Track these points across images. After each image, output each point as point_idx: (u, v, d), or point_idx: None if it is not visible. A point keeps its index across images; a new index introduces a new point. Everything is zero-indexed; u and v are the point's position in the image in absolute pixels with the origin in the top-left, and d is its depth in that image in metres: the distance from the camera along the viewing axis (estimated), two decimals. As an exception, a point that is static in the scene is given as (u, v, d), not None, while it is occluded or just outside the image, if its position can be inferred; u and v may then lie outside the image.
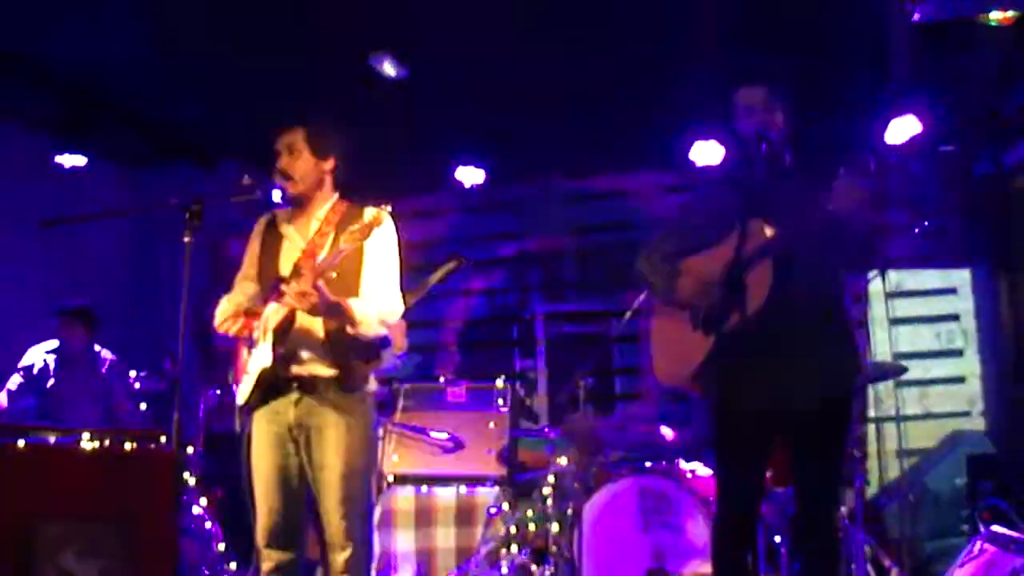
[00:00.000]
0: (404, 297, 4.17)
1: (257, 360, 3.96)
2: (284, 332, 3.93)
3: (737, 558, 3.70)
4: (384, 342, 4.15)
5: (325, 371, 3.95)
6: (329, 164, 4.12)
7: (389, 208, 3.87)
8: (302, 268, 3.89)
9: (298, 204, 4.12)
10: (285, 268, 4.04)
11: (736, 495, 3.72)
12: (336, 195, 4.18)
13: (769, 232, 3.56)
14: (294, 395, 3.95)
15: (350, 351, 3.97)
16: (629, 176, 8.02)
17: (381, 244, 4.04)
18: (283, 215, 4.19)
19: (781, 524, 5.16)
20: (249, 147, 4.43)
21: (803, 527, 3.73)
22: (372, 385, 4.10)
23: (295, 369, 3.95)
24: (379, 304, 3.99)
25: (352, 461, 3.94)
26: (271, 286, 4.01)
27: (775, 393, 3.55)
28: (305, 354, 3.95)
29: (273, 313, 3.94)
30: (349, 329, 3.92)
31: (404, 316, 4.33)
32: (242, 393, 4.04)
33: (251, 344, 4.04)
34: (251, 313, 4.10)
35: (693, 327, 3.73)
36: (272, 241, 4.14)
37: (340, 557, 3.92)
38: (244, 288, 4.20)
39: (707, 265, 3.70)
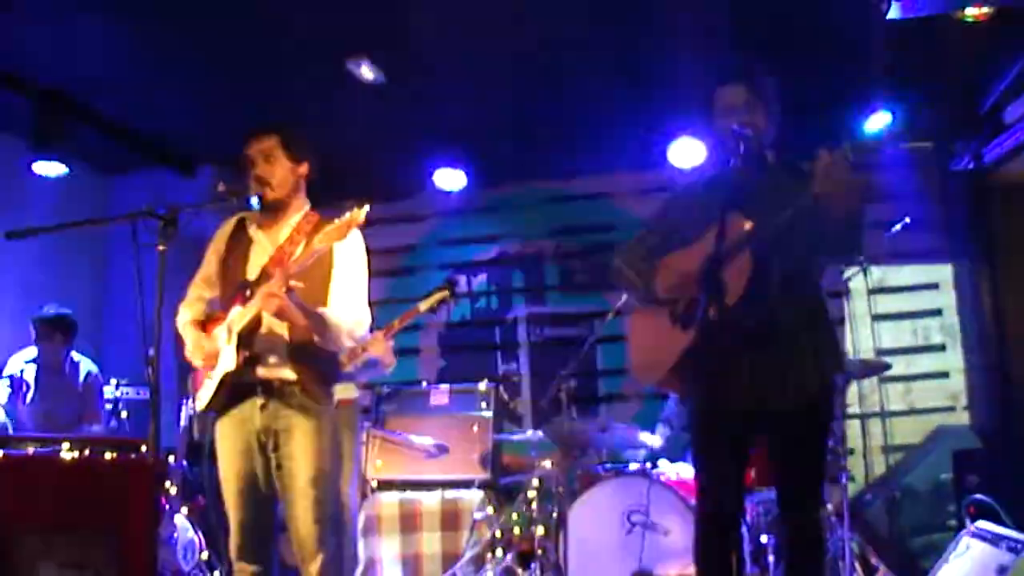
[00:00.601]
0: (395, 323, 4.17)
1: (221, 364, 3.91)
2: (249, 335, 3.89)
3: (721, 558, 3.65)
4: (371, 363, 4.15)
5: (291, 375, 3.90)
6: (304, 168, 4.11)
7: (366, 208, 3.79)
8: (271, 271, 3.86)
9: (272, 210, 4.07)
10: (252, 272, 4.01)
11: (716, 494, 3.67)
12: (308, 204, 4.16)
13: (747, 226, 3.52)
14: (259, 399, 3.90)
15: (313, 359, 3.93)
16: (609, 178, 8.01)
17: (350, 254, 4.02)
18: (253, 218, 4.14)
19: (768, 524, 5.15)
20: (227, 153, 4.39)
21: (786, 527, 3.72)
22: (345, 392, 4.07)
23: (260, 372, 3.90)
24: (347, 315, 3.94)
25: (321, 465, 3.88)
26: (236, 289, 3.98)
27: (752, 390, 3.52)
28: (271, 358, 3.90)
29: (238, 316, 3.90)
30: (316, 339, 3.88)
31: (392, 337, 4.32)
32: (203, 398, 3.98)
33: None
34: (211, 319, 4.08)
35: (671, 324, 3.69)
36: (240, 244, 4.10)
37: (312, 567, 3.86)
38: (202, 292, 4.17)
39: (685, 261, 3.67)
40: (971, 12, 5.54)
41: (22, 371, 6.47)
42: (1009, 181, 6.93)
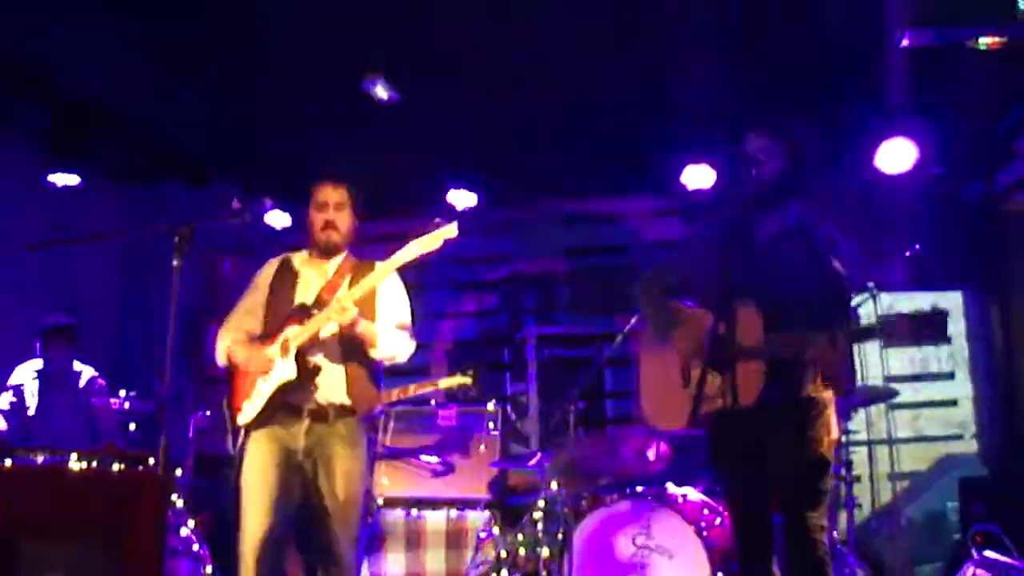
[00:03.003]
0: (410, 389, 4.57)
1: (275, 375, 4.10)
2: (307, 351, 4.10)
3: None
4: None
5: (342, 399, 4.13)
6: (358, 221, 4.45)
7: (455, 225, 4.21)
8: (326, 297, 4.17)
9: (324, 254, 4.37)
10: (303, 300, 4.26)
11: (751, 531, 3.83)
12: (346, 251, 4.43)
13: (757, 329, 3.60)
14: (305, 423, 4.10)
15: (363, 384, 4.20)
16: (622, 200, 8.03)
17: (393, 288, 4.36)
18: (298, 258, 4.43)
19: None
20: (242, 167, 4.46)
21: (788, 549, 3.77)
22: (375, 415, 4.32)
23: (313, 390, 4.11)
24: (395, 333, 4.26)
25: (355, 490, 4.13)
26: (292, 312, 4.20)
27: (760, 468, 3.70)
28: (325, 376, 4.12)
29: (297, 333, 4.10)
30: (371, 351, 4.15)
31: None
32: (249, 411, 4.15)
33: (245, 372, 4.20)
34: (253, 344, 4.26)
35: (683, 385, 3.80)
36: (286, 279, 4.35)
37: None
38: (244, 323, 4.34)
39: (703, 325, 3.72)
40: (985, 41, 5.56)
41: (28, 381, 6.48)
42: (1021, 210, 6.93)
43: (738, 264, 3.58)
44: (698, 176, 7.04)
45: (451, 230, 4.15)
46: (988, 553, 4.66)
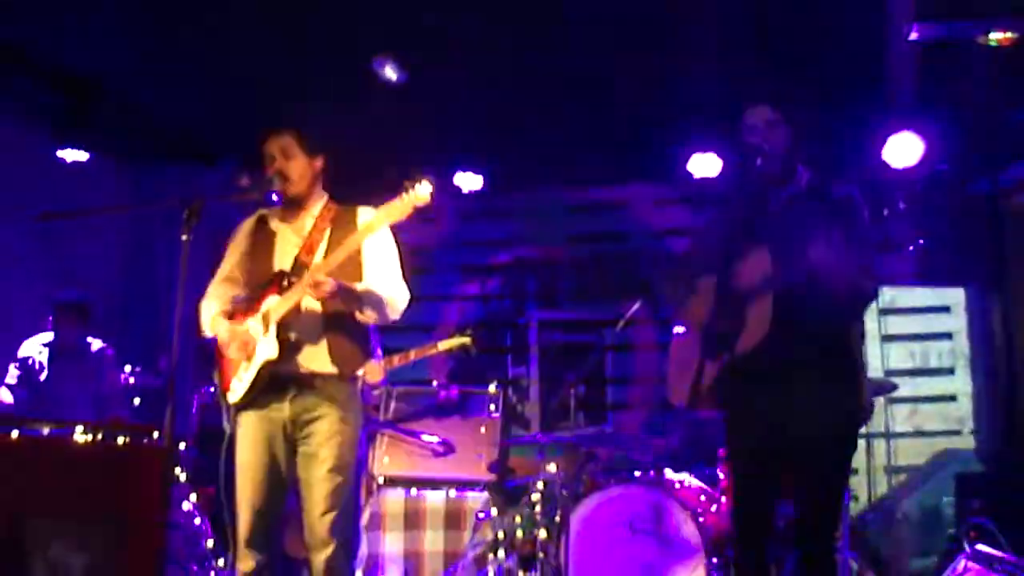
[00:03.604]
0: (410, 354, 4.24)
1: (259, 354, 3.97)
2: (287, 325, 3.96)
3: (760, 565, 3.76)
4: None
5: (328, 368, 3.99)
6: (319, 162, 4.18)
7: (428, 187, 3.95)
8: (305, 260, 4.00)
9: (293, 204, 4.16)
10: (281, 263, 4.09)
11: (749, 518, 3.79)
12: (326, 196, 4.24)
13: (767, 263, 3.60)
14: (290, 392, 3.99)
15: (349, 349, 4.03)
16: (627, 187, 8.04)
17: (379, 238, 4.11)
18: (273, 214, 4.24)
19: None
20: (249, 145, 4.46)
21: (796, 545, 3.78)
22: (366, 377, 4.14)
23: (297, 362, 3.98)
24: (387, 288, 4.05)
25: (342, 456, 3.97)
26: (270, 280, 4.04)
27: (774, 427, 3.62)
28: (308, 348, 3.99)
29: (276, 305, 3.96)
30: (358, 314, 3.99)
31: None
32: (238, 390, 4.05)
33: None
34: (236, 313, 4.14)
35: (700, 351, 3.75)
36: (263, 240, 4.17)
37: (321, 556, 3.93)
38: (224, 290, 4.22)
39: (711, 291, 3.76)
40: (995, 36, 5.57)
41: (37, 354, 6.52)
42: (1024, 207, 6.95)
43: (751, 229, 3.63)
44: (704, 164, 7.06)
45: (422, 196, 3.88)
46: (981, 547, 4.70)
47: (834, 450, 3.68)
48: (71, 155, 7.08)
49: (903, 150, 6.69)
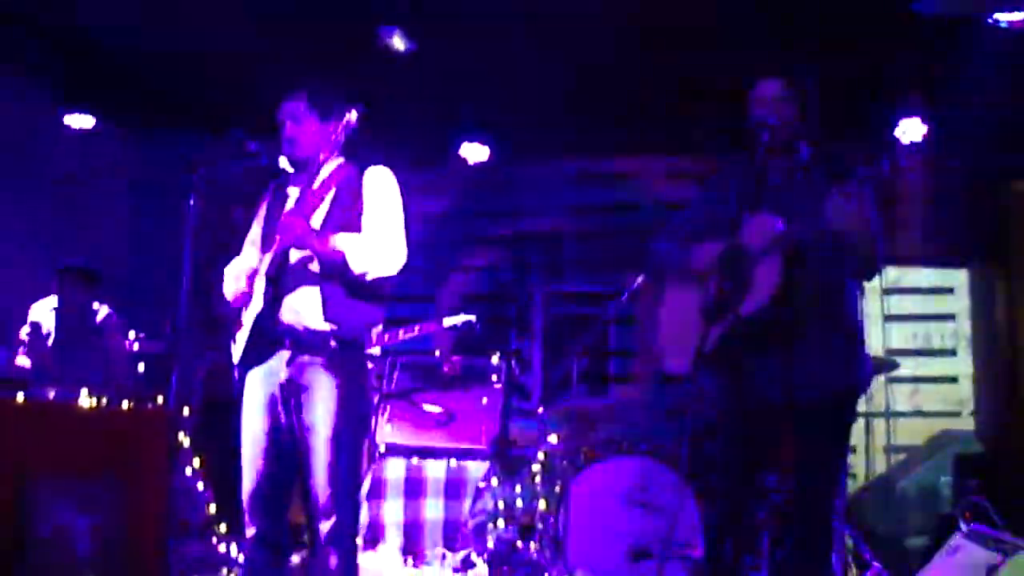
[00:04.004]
0: (415, 329, 4.18)
1: (251, 308, 3.89)
2: (277, 278, 3.86)
3: (731, 542, 3.73)
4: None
5: (316, 324, 3.84)
6: (336, 126, 4.03)
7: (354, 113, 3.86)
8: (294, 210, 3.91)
9: (304, 168, 4.05)
10: None
11: (733, 490, 3.77)
12: (342, 158, 4.12)
13: (773, 225, 3.60)
14: (286, 353, 3.86)
15: (345, 309, 3.88)
16: (633, 159, 8.03)
17: (382, 188, 4.00)
18: (291, 179, 4.14)
19: (763, 512, 5.20)
20: (257, 113, 4.46)
21: (794, 516, 3.79)
22: (369, 344, 4.02)
23: (287, 318, 3.85)
24: (379, 241, 3.90)
25: (341, 424, 3.83)
26: (272, 236, 3.95)
27: (777, 387, 3.59)
28: (298, 303, 3.86)
29: (266, 259, 3.89)
30: (350, 265, 3.82)
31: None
32: (237, 350, 3.97)
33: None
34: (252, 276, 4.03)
35: (698, 314, 3.73)
36: (277, 203, 4.08)
37: (324, 526, 3.82)
38: (248, 253, 4.14)
39: (712, 258, 3.74)
40: (1005, 17, 5.55)
41: (44, 318, 6.55)
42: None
43: (753, 200, 3.63)
44: (712, 138, 7.04)
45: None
46: (976, 526, 4.73)
47: (835, 417, 3.68)
48: (78, 121, 7.08)
49: (910, 130, 6.67)
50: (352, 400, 3.89)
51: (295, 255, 3.87)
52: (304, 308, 3.86)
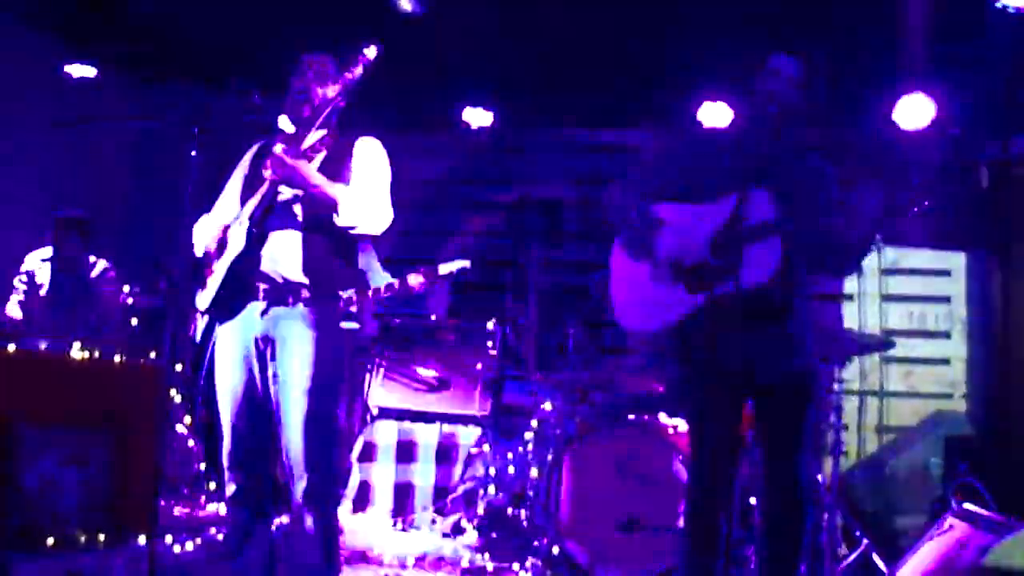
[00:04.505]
0: (408, 277, 4.14)
1: (229, 249, 3.78)
2: (261, 219, 3.78)
3: (711, 519, 3.71)
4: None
5: (295, 275, 3.77)
6: (342, 100, 3.95)
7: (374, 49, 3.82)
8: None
9: (299, 128, 3.94)
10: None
11: (712, 455, 3.74)
12: (329, 130, 4.03)
13: (774, 208, 3.59)
14: (260, 304, 3.77)
15: (326, 261, 3.82)
16: (637, 131, 8.00)
17: (372, 155, 3.96)
18: (278, 141, 4.00)
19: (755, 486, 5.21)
20: (260, 68, 4.41)
21: (768, 488, 3.80)
22: (348, 303, 3.92)
23: (266, 266, 3.77)
24: (370, 198, 3.83)
25: (317, 378, 3.73)
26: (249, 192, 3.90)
27: (750, 359, 3.62)
28: (278, 250, 3.78)
29: (252, 202, 3.81)
30: (335, 218, 3.75)
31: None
32: (205, 296, 3.86)
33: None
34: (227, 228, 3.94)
35: (672, 280, 3.73)
36: (262, 161, 3.94)
37: (298, 487, 3.75)
38: (221, 209, 4.04)
39: (691, 222, 3.72)
40: (1012, 1, 5.52)
41: (38, 269, 6.53)
42: (1031, 175, 6.93)
43: (744, 172, 3.64)
44: (715, 114, 7.03)
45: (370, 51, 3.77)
46: (967, 506, 4.74)
47: (796, 395, 3.72)
48: (79, 70, 7.02)
49: (913, 112, 6.66)
50: (327, 354, 3.79)
51: (283, 195, 3.80)
52: (283, 257, 3.78)
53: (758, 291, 3.55)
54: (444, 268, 4.87)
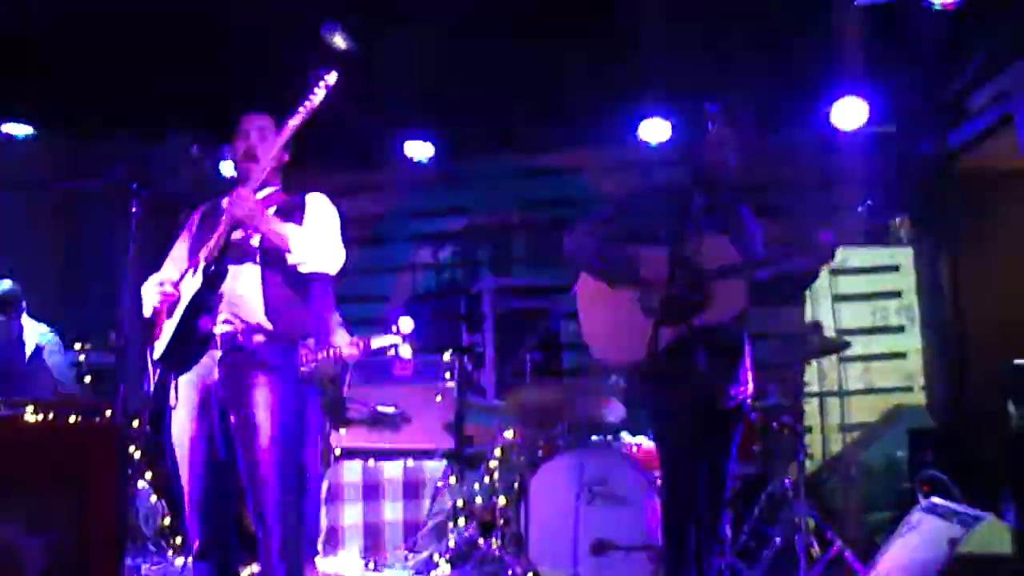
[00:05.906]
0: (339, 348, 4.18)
1: (187, 292, 3.75)
2: (218, 260, 3.75)
3: (685, 536, 3.83)
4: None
5: (255, 318, 3.74)
6: (286, 156, 4.03)
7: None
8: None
9: (246, 186, 3.89)
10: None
11: (682, 473, 3.92)
12: (279, 186, 4.08)
13: (732, 252, 3.86)
14: (217, 352, 3.74)
15: (285, 308, 3.80)
16: (578, 153, 8.05)
17: (323, 207, 3.99)
18: (228, 199, 3.97)
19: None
20: (198, 119, 4.39)
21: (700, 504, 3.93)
22: (308, 351, 3.90)
23: (224, 309, 3.75)
24: (322, 238, 3.86)
25: (282, 427, 3.70)
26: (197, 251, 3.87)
27: (711, 394, 3.93)
28: (236, 295, 3.76)
29: (209, 245, 3.78)
30: (288, 257, 3.76)
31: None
32: (160, 346, 3.81)
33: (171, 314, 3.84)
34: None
35: (641, 312, 3.93)
36: (211, 220, 3.94)
37: (271, 541, 3.67)
38: (168, 272, 3.99)
39: (657, 262, 3.89)
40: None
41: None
42: (971, 167, 7.02)
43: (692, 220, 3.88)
44: (655, 130, 7.13)
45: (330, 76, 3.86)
46: (934, 499, 4.77)
47: (737, 421, 4.09)
48: (15, 129, 6.95)
49: (850, 113, 6.79)
50: (291, 400, 3.77)
51: (239, 235, 3.80)
52: (242, 298, 3.77)
53: (722, 329, 3.86)
54: (376, 342, 4.83)
